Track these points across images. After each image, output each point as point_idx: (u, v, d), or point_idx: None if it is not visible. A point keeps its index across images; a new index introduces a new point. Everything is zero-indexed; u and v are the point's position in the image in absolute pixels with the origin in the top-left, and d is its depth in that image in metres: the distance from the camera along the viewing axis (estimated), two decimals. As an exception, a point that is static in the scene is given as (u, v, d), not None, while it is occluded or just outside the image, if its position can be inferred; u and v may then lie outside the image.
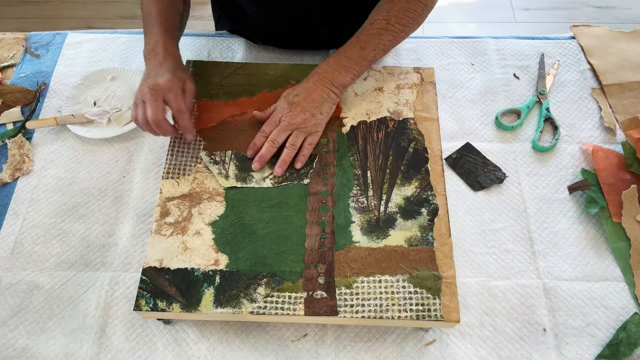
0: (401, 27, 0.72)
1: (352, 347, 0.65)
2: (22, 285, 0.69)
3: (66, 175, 0.78)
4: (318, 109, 0.70)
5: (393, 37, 0.73)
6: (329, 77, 0.72)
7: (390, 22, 0.72)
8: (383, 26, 0.72)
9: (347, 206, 0.67)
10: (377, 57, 0.74)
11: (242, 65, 0.81)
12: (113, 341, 0.65)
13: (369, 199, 0.67)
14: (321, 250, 0.63)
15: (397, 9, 0.72)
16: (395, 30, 0.72)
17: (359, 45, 0.72)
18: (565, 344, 0.65)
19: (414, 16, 0.73)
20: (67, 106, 0.84)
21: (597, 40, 0.94)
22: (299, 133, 0.70)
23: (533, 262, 0.71)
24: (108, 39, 0.94)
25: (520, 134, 0.83)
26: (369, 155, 0.71)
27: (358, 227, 0.65)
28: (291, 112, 0.70)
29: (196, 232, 0.65)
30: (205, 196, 0.68)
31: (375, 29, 0.72)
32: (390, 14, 0.72)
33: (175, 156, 0.72)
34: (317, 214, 0.66)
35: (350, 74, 0.72)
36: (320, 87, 0.71)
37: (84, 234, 0.73)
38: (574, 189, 0.76)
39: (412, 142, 0.72)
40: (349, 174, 0.70)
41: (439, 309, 0.59)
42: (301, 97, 0.71)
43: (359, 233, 0.65)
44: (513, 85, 0.88)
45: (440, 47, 0.93)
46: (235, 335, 0.65)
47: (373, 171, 0.70)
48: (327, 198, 0.68)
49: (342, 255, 0.63)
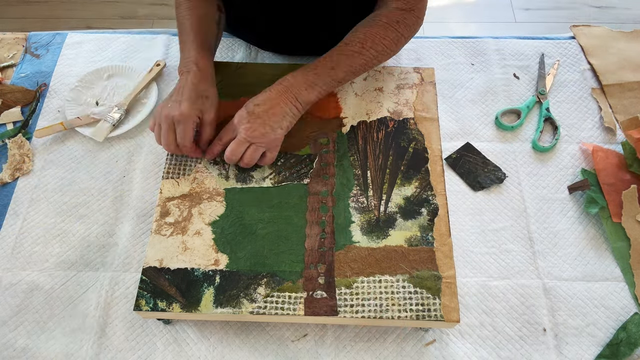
0: (375, 52, 0.71)
1: (352, 347, 0.65)
2: (22, 285, 0.69)
3: (66, 175, 0.78)
4: (279, 123, 0.67)
5: (365, 62, 0.71)
6: (294, 91, 0.68)
7: (364, 47, 0.70)
8: (357, 49, 0.70)
9: (347, 206, 0.67)
10: (347, 79, 0.72)
11: (242, 65, 0.81)
12: (113, 341, 0.65)
13: (369, 199, 0.67)
14: (321, 250, 0.63)
15: (374, 33, 0.70)
16: (369, 56, 0.71)
17: (330, 64, 0.70)
18: (565, 344, 0.65)
19: (389, 44, 0.71)
20: (70, 109, 0.84)
21: (597, 40, 0.94)
22: (257, 148, 0.66)
23: (533, 262, 0.71)
24: (108, 39, 0.94)
25: (520, 134, 0.83)
26: (369, 155, 0.71)
27: (358, 227, 0.65)
28: (250, 123, 0.66)
29: (196, 232, 0.65)
30: (205, 196, 0.68)
31: (349, 51, 0.70)
32: (366, 37, 0.70)
33: (175, 156, 0.72)
34: (317, 214, 0.66)
35: (316, 91, 0.69)
36: (284, 99, 0.67)
37: (84, 234, 0.73)
38: (574, 189, 0.76)
39: (412, 142, 0.72)
40: (349, 174, 0.70)
41: (439, 309, 0.59)
42: (262, 108, 0.67)
43: (359, 233, 0.65)
44: (513, 85, 0.88)
45: (441, 47, 0.93)
46: (235, 335, 0.65)
47: (373, 171, 0.70)
48: (327, 198, 0.68)
49: (342, 255, 0.63)
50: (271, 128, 0.66)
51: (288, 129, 0.68)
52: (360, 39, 0.70)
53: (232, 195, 0.68)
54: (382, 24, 0.71)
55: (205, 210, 0.67)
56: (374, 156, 0.71)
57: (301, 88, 0.68)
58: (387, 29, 0.71)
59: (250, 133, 0.65)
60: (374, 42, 0.70)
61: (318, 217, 0.66)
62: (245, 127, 0.66)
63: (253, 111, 0.66)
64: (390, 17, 0.71)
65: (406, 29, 0.72)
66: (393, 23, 0.71)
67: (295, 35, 0.86)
